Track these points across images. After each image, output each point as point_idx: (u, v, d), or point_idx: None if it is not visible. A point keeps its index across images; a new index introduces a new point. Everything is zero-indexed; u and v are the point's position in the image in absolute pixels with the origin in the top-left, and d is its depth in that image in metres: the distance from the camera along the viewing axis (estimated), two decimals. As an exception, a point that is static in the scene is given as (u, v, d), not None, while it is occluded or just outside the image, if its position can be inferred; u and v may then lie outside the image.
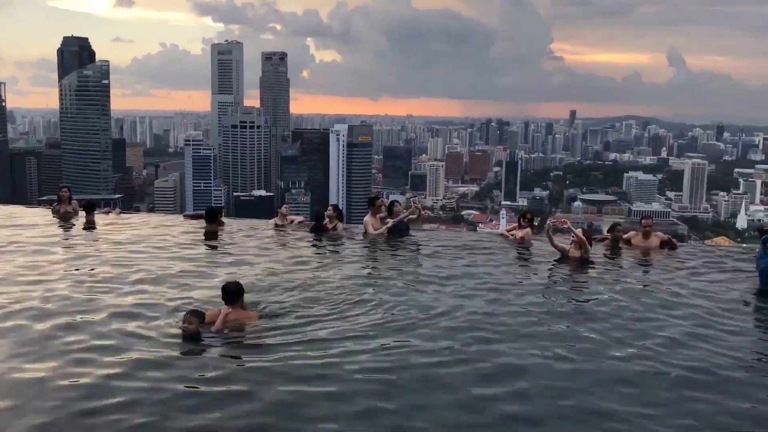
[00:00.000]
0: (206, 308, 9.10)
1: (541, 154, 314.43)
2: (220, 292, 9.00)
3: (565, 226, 14.66)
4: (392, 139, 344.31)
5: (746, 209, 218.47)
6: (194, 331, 8.29)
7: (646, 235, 15.41)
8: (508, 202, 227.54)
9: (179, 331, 8.36)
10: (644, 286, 11.83)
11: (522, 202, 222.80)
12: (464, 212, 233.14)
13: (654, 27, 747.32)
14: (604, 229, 16.81)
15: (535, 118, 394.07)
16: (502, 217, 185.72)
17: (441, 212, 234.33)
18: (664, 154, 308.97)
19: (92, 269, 12.27)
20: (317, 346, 8.03)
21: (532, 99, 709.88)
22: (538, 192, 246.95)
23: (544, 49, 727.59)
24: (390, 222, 16.34)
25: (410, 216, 16.83)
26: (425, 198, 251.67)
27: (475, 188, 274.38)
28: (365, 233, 16.45)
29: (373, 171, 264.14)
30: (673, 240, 15.68)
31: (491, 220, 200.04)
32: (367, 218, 16.69)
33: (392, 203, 17.39)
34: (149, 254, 13.76)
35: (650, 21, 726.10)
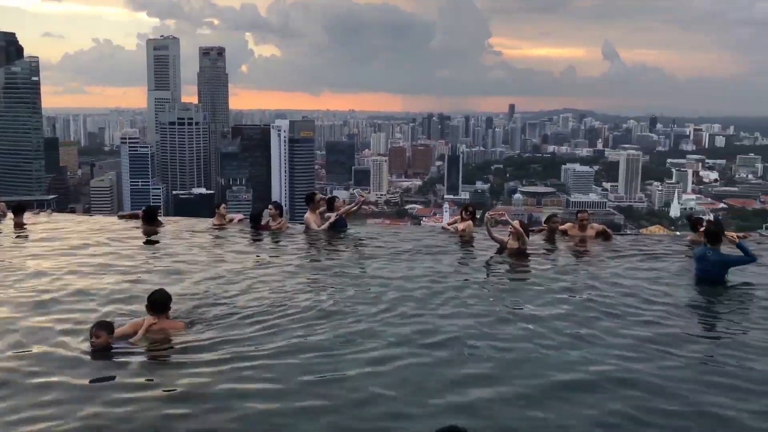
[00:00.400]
0: (127, 319, 8.68)
1: (481, 148, 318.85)
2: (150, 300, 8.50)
3: (503, 218, 14.91)
4: (335, 135, 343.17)
5: (679, 198, 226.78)
6: (103, 344, 7.72)
7: (582, 227, 15.81)
8: (451, 196, 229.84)
9: (89, 346, 7.75)
10: (579, 275, 12.10)
11: (464, 195, 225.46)
12: (408, 206, 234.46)
13: (589, 21, 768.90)
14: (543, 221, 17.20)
15: (476, 112, 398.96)
16: (446, 211, 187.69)
17: (385, 207, 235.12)
18: (600, 146, 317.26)
19: (15, 277, 11.54)
20: (251, 351, 7.80)
21: (472, 93, 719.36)
22: (479, 185, 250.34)
23: (483, 44, 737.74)
24: (332, 217, 16.30)
25: (352, 208, 16.90)
26: (369, 193, 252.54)
27: (418, 182, 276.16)
28: (306, 230, 16.37)
29: (316, 167, 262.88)
30: (608, 230, 16.14)
31: (435, 214, 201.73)
32: (308, 215, 16.62)
33: (332, 198, 17.35)
34: (79, 257, 13.29)
35: (585, 15, 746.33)
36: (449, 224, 17.27)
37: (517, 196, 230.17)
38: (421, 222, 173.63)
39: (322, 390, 6.75)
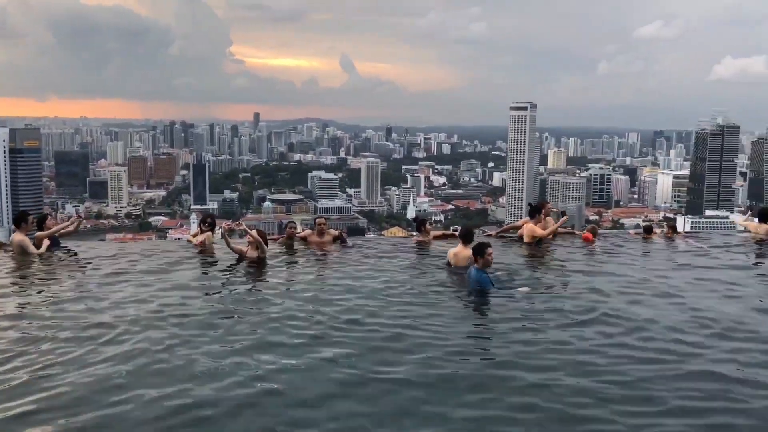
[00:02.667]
0: None
1: (228, 156, 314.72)
2: None
3: (241, 227, 14.91)
4: (65, 144, 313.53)
5: (414, 201, 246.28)
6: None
7: (321, 233, 16.39)
8: (199, 206, 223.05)
9: None
10: (314, 281, 12.51)
11: (213, 205, 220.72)
12: (152, 219, 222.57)
13: (326, 33, 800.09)
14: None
15: (220, 119, 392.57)
16: (193, 222, 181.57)
17: (126, 220, 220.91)
18: (342, 154, 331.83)
19: None
20: None
21: (216, 100, 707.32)
22: (228, 194, 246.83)
23: (225, 52, 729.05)
24: (44, 241, 15.01)
25: (67, 228, 15.87)
26: (107, 206, 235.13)
27: (162, 193, 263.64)
28: (23, 252, 14.76)
29: (45, 179, 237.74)
30: (344, 234, 16.96)
31: (182, 226, 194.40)
32: (19, 236, 15.02)
33: (43, 217, 15.79)
34: None
35: (322, 28, 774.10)
36: (193, 236, 16.83)
37: (267, 204, 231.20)
38: (168, 234, 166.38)
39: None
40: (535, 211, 16.53)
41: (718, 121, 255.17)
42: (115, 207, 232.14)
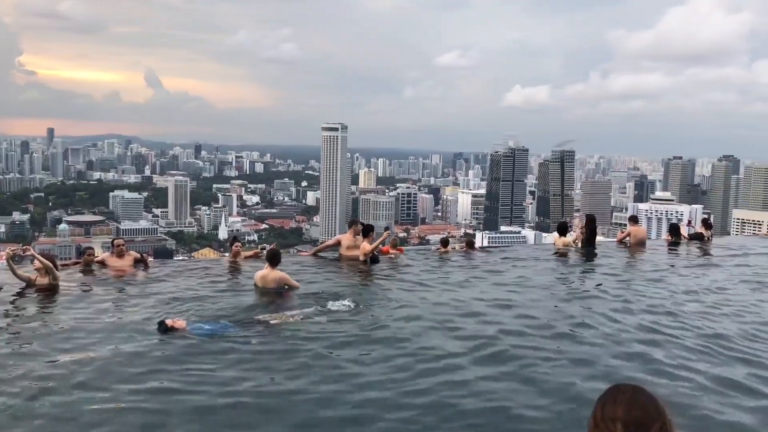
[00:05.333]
0: None
1: (18, 175, 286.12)
2: None
3: (29, 253, 13.63)
4: None
5: (226, 221, 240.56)
6: None
7: (120, 255, 15.52)
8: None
9: None
10: (111, 309, 11.74)
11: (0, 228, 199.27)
12: None
13: (131, 47, 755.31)
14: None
15: (8, 135, 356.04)
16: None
17: None
18: (148, 172, 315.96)
19: None
20: None
21: (3, 114, 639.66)
22: (17, 216, 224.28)
23: (14, 62, 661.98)
24: None
25: None
26: None
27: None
28: None
29: None
30: (144, 256, 16.20)
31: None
32: None
33: None
34: None
35: (125, 41, 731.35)
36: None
37: (63, 226, 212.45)
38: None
39: None
40: (369, 230, 17.30)
41: (510, 144, 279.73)
42: None
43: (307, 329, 10.02)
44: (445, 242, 20.07)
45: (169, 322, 9.62)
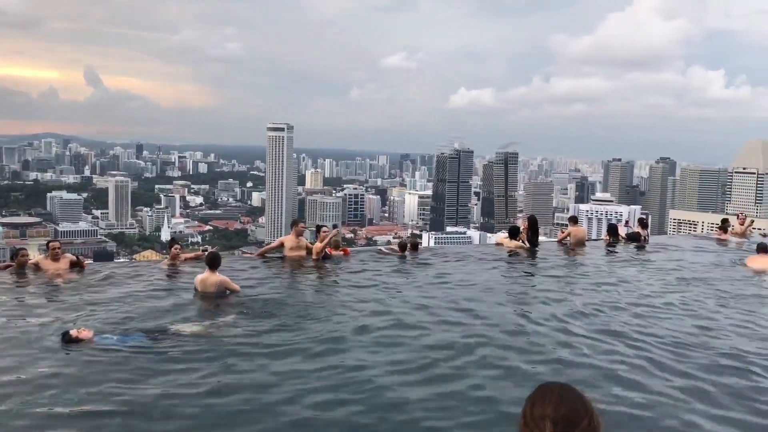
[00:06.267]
0: None
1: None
2: None
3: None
4: None
5: (169, 222, 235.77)
6: None
7: (55, 258, 15.02)
8: None
9: None
10: (48, 314, 11.40)
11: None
12: None
13: (68, 43, 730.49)
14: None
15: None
16: None
17: None
18: (87, 173, 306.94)
19: None
20: None
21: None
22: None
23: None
24: None
25: None
26: None
27: None
28: None
29: None
30: (80, 259, 15.70)
31: None
32: None
33: None
34: None
35: (63, 37, 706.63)
36: None
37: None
38: None
39: None
40: (319, 229, 17.71)
41: (455, 146, 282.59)
42: None
43: (221, 339, 9.62)
44: (403, 247, 19.50)
45: (73, 332, 9.13)
